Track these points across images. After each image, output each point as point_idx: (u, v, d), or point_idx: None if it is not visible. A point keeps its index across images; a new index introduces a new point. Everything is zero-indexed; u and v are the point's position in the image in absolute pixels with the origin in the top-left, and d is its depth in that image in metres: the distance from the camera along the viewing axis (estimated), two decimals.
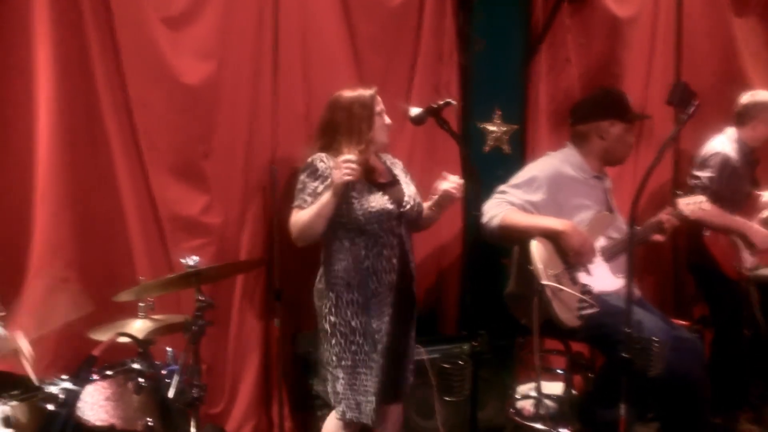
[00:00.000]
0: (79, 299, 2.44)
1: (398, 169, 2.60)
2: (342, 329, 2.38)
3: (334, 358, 2.39)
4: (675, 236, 3.79)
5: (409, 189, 2.53)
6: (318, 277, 2.49)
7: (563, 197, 2.77)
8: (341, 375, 2.38)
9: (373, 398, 2.36)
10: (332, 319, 2.39)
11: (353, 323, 2.38)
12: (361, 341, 2.38)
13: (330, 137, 2.47)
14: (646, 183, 2.13)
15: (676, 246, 3.90)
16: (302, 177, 2.43)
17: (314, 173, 2.40)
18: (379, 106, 2.51)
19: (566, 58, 3.69)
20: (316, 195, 2.37)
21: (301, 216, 2.39)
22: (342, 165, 2.26)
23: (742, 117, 3.46)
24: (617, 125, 2.83)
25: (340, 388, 2.38)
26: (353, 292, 2.38)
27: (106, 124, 2.84)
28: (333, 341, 2.39)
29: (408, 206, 2.48)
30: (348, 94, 2.49)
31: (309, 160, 2.44)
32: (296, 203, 2.41)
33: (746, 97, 3.48)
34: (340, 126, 2.45)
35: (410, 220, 2.50)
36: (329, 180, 2.34)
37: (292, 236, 2.42)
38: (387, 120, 2.53)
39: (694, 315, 3.83)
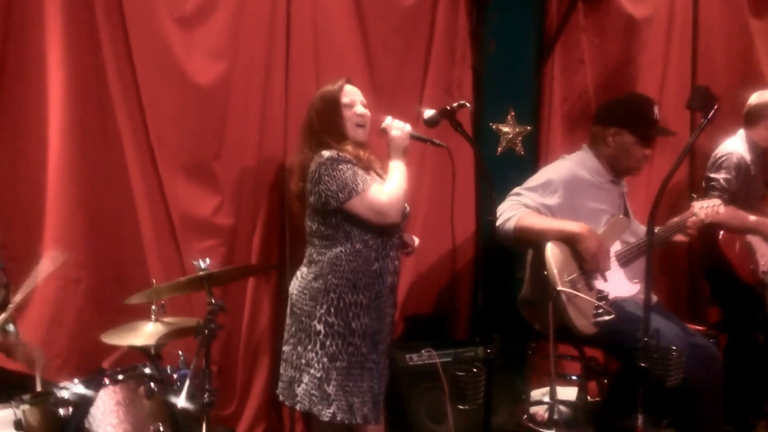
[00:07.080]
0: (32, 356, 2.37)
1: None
2: (340, 330, 2.34)
3: (326, 359, 2.33)
4: (691, 239, 3.76)
5: None
6: (309, 276, 2.40)
7: (579, 201, 2.73)
8: (334, 376, 2.33)
9: (369, 396, 2.36)
10: (330, 320, 2.34)
11: (354, 325, 2.35)
12: (359, 342, 2.36)
13: (314, 138, 2.41)
14: (664, 191, 2.09)
15: (691, 249, 3.86)
16: (338, 167, 2.30)
17: (344, 160, 2.32)
18: (347, 97, 2.42)
19: (580, 58, 3.64)
20: (364, 176, 2.33)
21: (390, 190, 2.32)
22: (394, 126, 2.34)
23: (752, 117, 3.41)
24: (625, 135, 2.74)
25: (331, 389, 2.33)
26: (358, 294, 2.36)
27: (118, 124, 2.83)
28: (328, 342, 2.33)
29: (408, 207, 2.47)
30: (318, 91, 2.46)
31: (327, 154, 2.32)
32: (359, 187, 2.29)
33: (754, 98, 3.43)
34: (314, 125, 2.41)
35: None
36: (356, 165, 2.32)
37: (380, 214, 2.31)
38: (359, 110, 2.44)
39: (709, 319, 3.79)
